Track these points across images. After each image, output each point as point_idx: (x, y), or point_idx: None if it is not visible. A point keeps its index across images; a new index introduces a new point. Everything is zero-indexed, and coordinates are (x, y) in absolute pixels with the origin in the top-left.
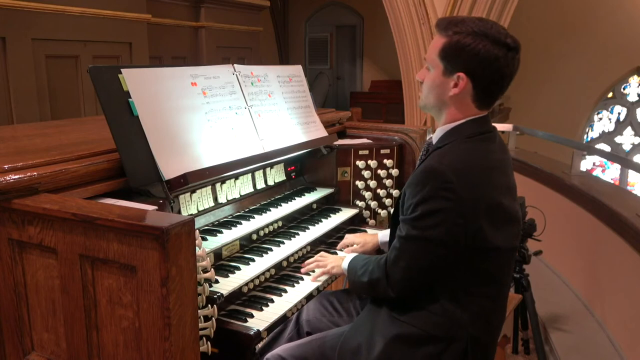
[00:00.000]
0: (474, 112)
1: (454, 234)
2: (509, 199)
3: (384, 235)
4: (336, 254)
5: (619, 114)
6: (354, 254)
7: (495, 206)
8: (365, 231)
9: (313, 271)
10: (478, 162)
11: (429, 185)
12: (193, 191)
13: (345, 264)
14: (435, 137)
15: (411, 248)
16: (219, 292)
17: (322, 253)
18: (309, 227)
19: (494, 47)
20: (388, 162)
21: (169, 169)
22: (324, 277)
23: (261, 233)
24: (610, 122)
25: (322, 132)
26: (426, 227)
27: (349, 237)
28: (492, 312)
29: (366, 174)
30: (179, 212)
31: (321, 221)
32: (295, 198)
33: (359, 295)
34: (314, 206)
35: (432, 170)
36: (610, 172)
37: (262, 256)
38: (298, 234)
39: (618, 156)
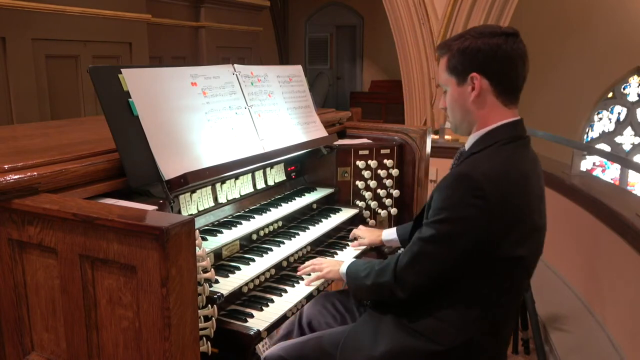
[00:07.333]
0: (503, 111)
1: (479, 244)
2: (539, 208)
3: (388, 233)
4: (333, 256)
5: (619, 114)
6: (352, 260)
7: (524, 218)
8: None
9: (309, 274)
10: (513, 171)
11: (460, 190)
12: (193, 191)
13: (343, 269)
14: (467, 144)
15: (431, 252)
16: (219, 292)
17: (318, 258)
18: (309, 227)
19: (492, 38)
20: (388, 162)
21: (169, 169)
22: (318, 282)
23: (261, 233)
24: (610, 122)
25: (322, 132)
26: (451, 234)
27: (361, 229)
28: (503, 322)
29: (366, 174)
30: (179, 212)
31: (321, 221)
32: (295, 198)
33: (360, 300)
34: (314, 206)
35: (465, 176)
36: (610, 172)
37: (262, 256)
38: (298, 234)
39: (618, 156)
